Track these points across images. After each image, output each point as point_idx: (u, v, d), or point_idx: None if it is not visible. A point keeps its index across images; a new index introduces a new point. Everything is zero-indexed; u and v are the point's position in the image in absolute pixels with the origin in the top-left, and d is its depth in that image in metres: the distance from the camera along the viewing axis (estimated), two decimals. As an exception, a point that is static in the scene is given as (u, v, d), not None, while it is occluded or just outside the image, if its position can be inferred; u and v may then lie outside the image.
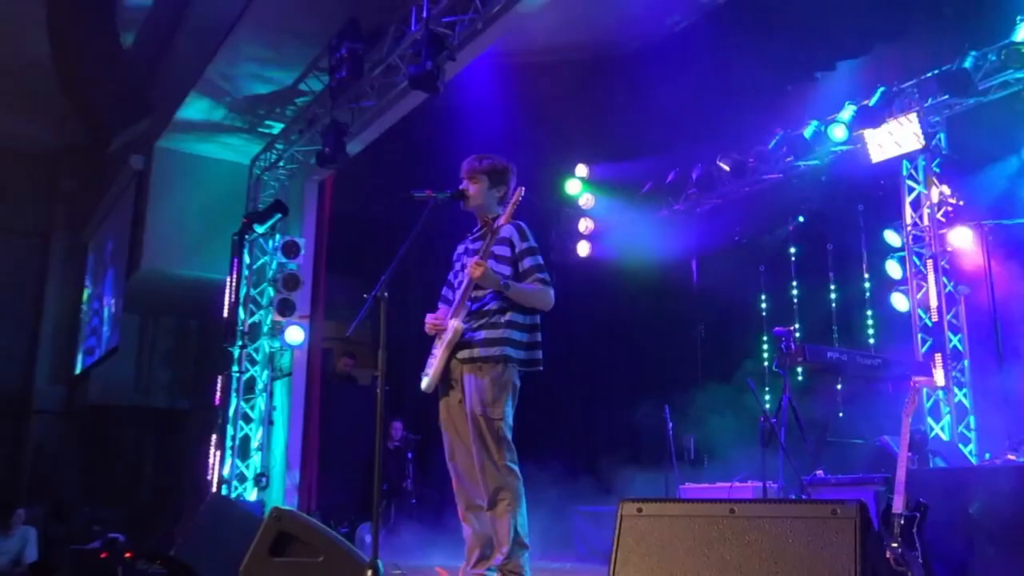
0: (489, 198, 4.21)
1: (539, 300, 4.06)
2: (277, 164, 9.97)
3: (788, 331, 6.43)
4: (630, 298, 10.15)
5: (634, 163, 10.10)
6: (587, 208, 10.79)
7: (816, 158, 8.59)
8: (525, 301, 4.03)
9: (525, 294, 4.02)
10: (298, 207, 10.13)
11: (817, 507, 2.72)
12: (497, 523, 3.90)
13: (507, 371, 3.99)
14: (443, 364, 4.06)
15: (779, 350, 6.34)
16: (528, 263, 4.08)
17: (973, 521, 4.79)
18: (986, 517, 4.75)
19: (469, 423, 3.97)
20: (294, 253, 9.78)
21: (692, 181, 9.74)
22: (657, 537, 2.89)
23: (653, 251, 9.85)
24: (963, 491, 4.87)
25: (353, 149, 9.00)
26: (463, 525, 4.07)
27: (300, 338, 9.62)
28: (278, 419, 9.75)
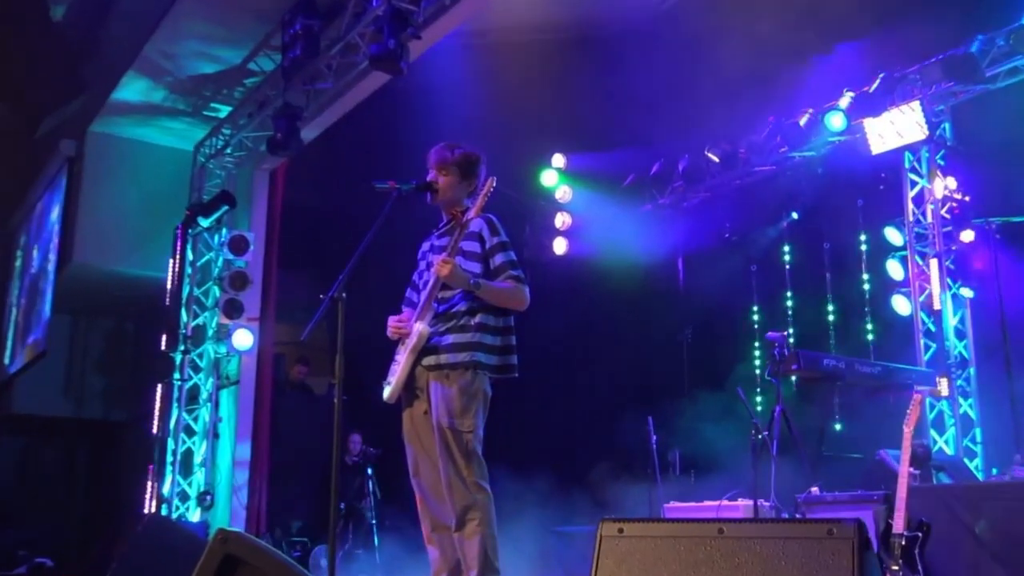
0: (459, 191, 4.22)
1: (513, 299, 4.06)
2: (224, 151, 9.89)
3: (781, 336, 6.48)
4: (611, 299, 10.18)
5: (616, 153, 10.13)
6: (564, 202, 10.81)
7: (812, 149, 8.65)
8: (498, 301, 4.04)
9: (497, 293, 4.02)
10: (247, 198, 10.06)
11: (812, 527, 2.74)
12: (465, 545, 3.89)
13: (477, 379, 3.99)
14: (407, 371, 4.05)
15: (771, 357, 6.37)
16: (500, 259, 4.08)
17: (979, 542, 4.83)
18: (994, 537, 4.79)
19: (435, 436, 3.96)
20: (242, 249, 9.71)
21: (678, 173, 9.79)
22: (639, 560, 2.89)
23: (636, 249, 9.89)
24: (969, 509, 4.92)
25: (308, 135, 8.95)
26: (428, 548, 4.07)
27: (249, 343, 9.55)
28: (224, 432, 9.68)
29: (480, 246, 4.12)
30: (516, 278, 4.07)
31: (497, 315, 4.09)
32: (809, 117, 8.36)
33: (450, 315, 4.06)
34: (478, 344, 4.01)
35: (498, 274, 4.06)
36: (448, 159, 4.22)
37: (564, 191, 10.79)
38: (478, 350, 4.00)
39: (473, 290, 3.98)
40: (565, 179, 10.79)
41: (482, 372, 4.01)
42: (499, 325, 4.10)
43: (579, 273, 10.56)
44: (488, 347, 4.04)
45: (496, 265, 4.08)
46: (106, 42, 10.32)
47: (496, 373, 4.07)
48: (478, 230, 4.12)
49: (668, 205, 10.13)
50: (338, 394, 3.71)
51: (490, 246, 4.11)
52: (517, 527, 6.76)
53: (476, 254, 4.10)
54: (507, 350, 4.11)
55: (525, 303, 4.09)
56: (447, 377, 3.98)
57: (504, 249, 4.11)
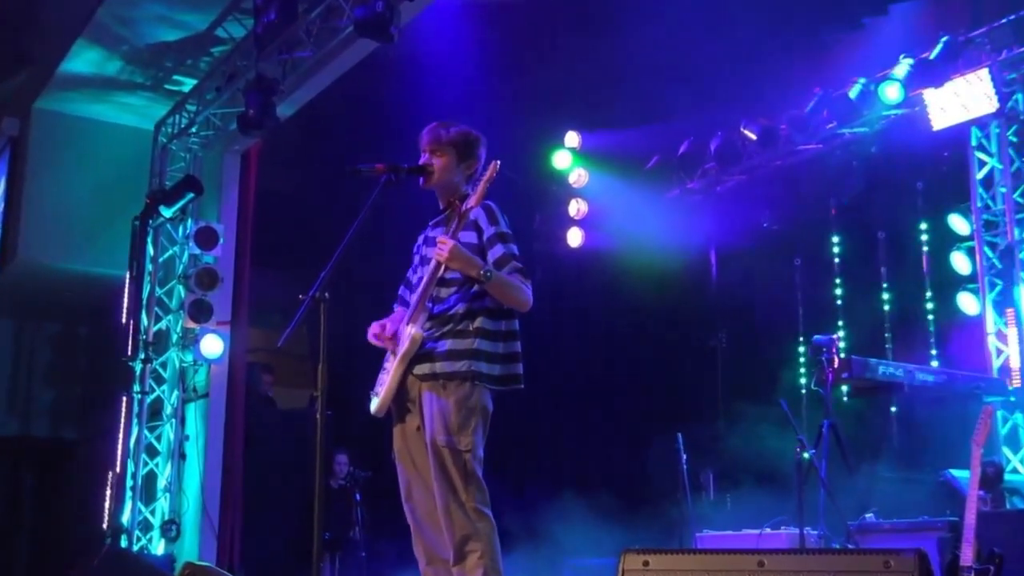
0: (455, 174, 4.22)
1: (519, 296, 4.06)
2: (188, 130, 9.89)
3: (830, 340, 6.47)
4: (633, 299, 10.17)
5: (638, 131, 10.12)
6: (579, 187, 10.80)
7: (864, 124, 8.63)
8: (505, 297, 4.03)
9: (507, 287, 4.02)
10: (215, 185, 10.07)
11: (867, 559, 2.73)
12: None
13: (476, 390, 3.99)
14: (397, 381, 4.05)
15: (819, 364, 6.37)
16: (499, 251, 4.07)
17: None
18: (1075, 570, 4.78)
19: (430, 455, 3.96)
20: (211, 243, 9.72)
21: (710, 153, 9.77)
22: (667, 598, 2.88)
23: (661, 240, 9.88)
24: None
25: (284, 111, 8.95)
26: (423, 584, 4.07)
27: (219, 350, 9.57)
28: (191, 452, 9.70)
29: (477, 237, 4.11)
30: (521, 272, 4.06)
31: (499, 318, 4.08)
32: (861, 88, 8.33)
33: (446, 318, 4.06)
34: (477, 352, 4.01)
35: (499, 268, 4.05)
36: (443, 138, 4.22)
37: (579, 175, 10.79)
38: (478, 359, 4.00)
39: (482, 279, 3.95)
40: (580, 161, 10.78)
41: (482, 384, 4.01)
42: (501, 330, 4.09)
43: (596, 268, 10.56)
44: (489, 355, 4.04)
45: (495, 258, 4.06)
46: (53, 6, 10.33)
47: (498, 385, 4.07)
48: (475, 218, 4.12)
49: (698, 190, 10.12)
50: (321, 408, 3.72)
51: (488, 236, 4.10)
52: (525, 560, 6.76)
53: (473, 246, 4.09)
54: (511, 358, 4.11)
55: (528, 304, 4.09)
56: (443, 388, 3.98)
57: (504, 240, 4.10)
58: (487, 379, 4.02)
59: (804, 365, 9.21)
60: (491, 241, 4.10)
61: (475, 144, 4.27)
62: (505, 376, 4.08)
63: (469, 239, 4.10)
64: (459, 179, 4.23)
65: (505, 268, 4.04)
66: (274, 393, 11.04)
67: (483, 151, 4.27)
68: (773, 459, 7.33)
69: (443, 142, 4.22)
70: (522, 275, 4.07)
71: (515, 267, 4.06)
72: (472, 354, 4.00)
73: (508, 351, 4.10)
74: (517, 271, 4.06)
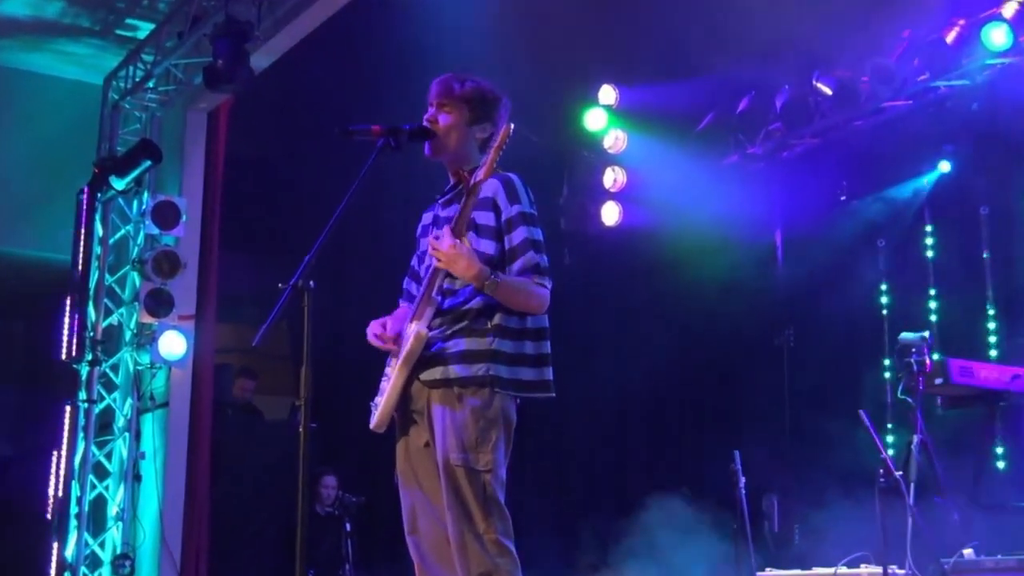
0: (467, 139, 4.22)
1: (528, 302, 4.06)
2: (144, 85, 9.90)
3: (921, 339, 6.44)
4: (681, 289, 10.16)
5: (687, 84, 10.07)
6: (616, 153, 10.77)
7: (964, 76, 8.58)
8: (510, 302, 4.03)
9: (512, 293, 4.02)
10: (177, 151, 10.07)
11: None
12: (482, 630, 3.91)
13: (497, 399, 3.99)
14: (400, 389, 4.05)
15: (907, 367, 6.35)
16: (521, 235, 4.06)
17: None
18: None
19: (442, 477, 3.97)
20: (172, 221, 9.73)
21: (775, 112, 9.72)
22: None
23: (716, 218, 9.85)
24: None
25: (260, 63, 8.95)
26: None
27: (181, 349, 9.59)
28: (148, 472, 9.72)
29: (495, 217, 4.10)
30: (536, 269, 4.05)
31: (524, 313, 4.09)
32: (959, 31, 8.28)
33: (459, 313, 4.05)
34: (497, 353, 4.00)
35: (513, 257, 4.04)
36: (455, 91, 4.21)
37: (616, 138, 10.75)
38: (497, 361, 4.00)
39: (487, 289, 3.96)
40: (616, 121, 10.75)
41: (504, 391, 4.01)
42: (527, 327, 4.08)
43: (636, 253, 10.54)
44: (511, 357, 4.03)
45: (514, 244, 4.05)
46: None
47: (524, 391, 4.06)
48: (492, 195, 4.09)
49: (761, 156, 10.08)
50: (304, 420, 3.72)
51: (507, 217, 4.08)
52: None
53: (490, 229, 4.08)
54: (539, 360, 4.10)
55: (541, 307, 4.08)
56: (456, 397, 3.98)
57: (527, 222, 4.08)
58: (510, 385, 4.02)
59: (889, 369, 9.18)
60: (512, 223, 4.08)
61: (493, 105, 4.25)
62: (532, 382, 4.08)
63: (486, 220, 4.08)
64: (470, 146, 4.21)
65: (520, 259, 4.03)
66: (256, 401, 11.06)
67: (503, 113, 4.25)
68: (851, 482, 7.32)
69: (455, 96, 4.20)
70: (537, 272, 4.05)
71: (531, 259, 4.04)
72: (491, 356, 3.99)
73: (535, 352, 4.10)
74: (532, 270, 4.04)
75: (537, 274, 4.05)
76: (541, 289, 4.06)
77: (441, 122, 4.20)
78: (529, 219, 4.10)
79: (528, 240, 4.06)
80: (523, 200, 4.11)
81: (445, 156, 4.24)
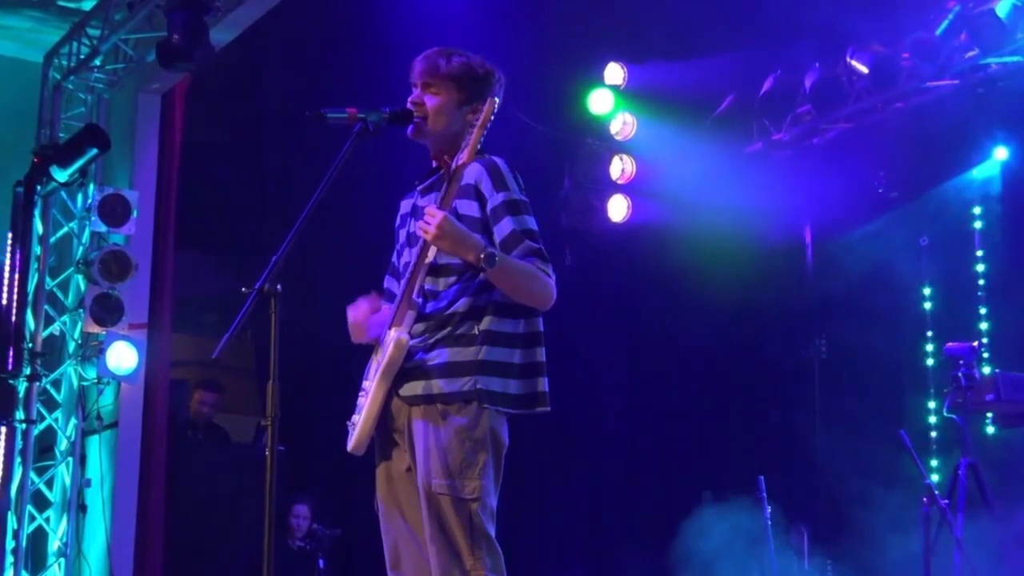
0: (454, 122, 4.22)
1: (534, 290, 4.05)
2: (91, 63, 9.90)
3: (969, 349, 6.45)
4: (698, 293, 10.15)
5: (704, 62, 10.07)
6: (624, 139, 10.76)
7: (1018, 52, 8.59)
8: (515, 289, 4.02)
9: (518, 276, 4.00)
10: (127, 138, 10.05)
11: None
12: None
13: (485, 416, 3.99)
14: (379, 405, 4.06)
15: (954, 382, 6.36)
16: (508, 226, 4.05)
17: None
18: None
19: (423, 505, 3.97)
20: (121, 217, 9.72)
21: (803, 92, 9.72)
22: None
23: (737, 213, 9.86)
24: None
25: (221, 37, 8.94)
26: None
27: (132, 363, 9.57)
28: (95, 501, 9.71)
29: (479, 207, 4.09)
30: (539, 255, 4.04)
31: (515, 316, 4.07)
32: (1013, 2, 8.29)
33: (442, 318, 4.06)
34: (485, 364, 4.00)
35: (507, 251, 4.02)
36: (442, 68, 4.20)
37: (624, 122, 10.75)
38: (486, 372, 4.00)
39: (482, 264, 3.93)
40: (624, 103, 10.74)
41: (493, 407, 4.01)
42: (519, 332, 4.08)
43: (647, 252, 10.54)
44: (502, 368, 4.03)
45: (503, 236, 4.04)
46: None
47: (516, 407, 4.06)
48: (474, 181, 4.10)
49: (787, 144, 10.08)
50: (271, 442, 3.71)
51: (493, 205, 4.07)
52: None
53: (474, 220, 4.07)
54: (532, 370, 4.10)
55: (550, 298, 4.06)
56: (439, 415, 3.98)
57: (515, 210, 4.07)
58: (500, 400, 4.01)
59: (933, 383, 9.19)
60: (497, 212, 4.06)
61: (485, 81, 4.24)
62: (525, 396, 4.07)
63: (469, 210, 4.08)
64: (458, 128, 4.20)
65: (516, 250, 4.01)
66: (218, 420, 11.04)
67: (497, 90, 4.24)
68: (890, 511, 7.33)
69: (441, 74, 4.20)
70: (540, 259, 4.04)
71: (530, 248, 4.03)
72: (478, 367, 3.99)
73: (528, 360, 4.09)
74: (533, 253, 4.03)
75: (540, 259, 4.04)
76: (546, 277, 4.03)
77: (428, 104, 4.20)
78: (520, 206, 4.09)
79: (519, 230, 4.04)
80: (511, 186, 4.10)
81: (431, 139, 4.24)
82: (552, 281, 4.06)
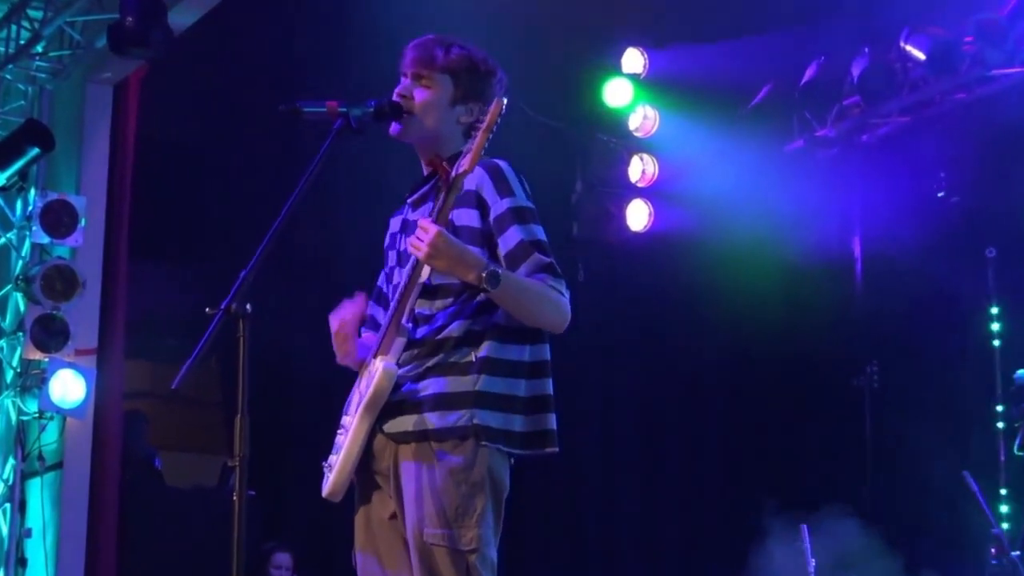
0: (448, 121, 4.23)
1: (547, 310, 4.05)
2: (31, 50, 9.93)
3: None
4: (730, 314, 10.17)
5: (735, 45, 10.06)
6: (644, 136, 10.77)
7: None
8: (524, 312, 4.01)
9: (526, 297, 4.01)
10: (74, 135, 10.07)
11: None
12: None
13: (483, 456, 3.99)
14: (361, 443, 4.06)
15: (1026, 414, 6.36)
16: (514, 237, 4.05)
17: None
18: None
19: (413, 559, 3.98)
20: (67, 227, 9.73)
21: (851, 82, 9.72)
22: None
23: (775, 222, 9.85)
24: None
25: (182, 20, 8.96)
26: None
27: (79, 394, 9.57)
28: (36, 554, 9.72)
29: (479, 216, 4.09)
30: (550, 269, 4.03)
31: (519, 341, 4.07)
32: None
33: (434, 344, 4.06)
34: (483, 396, 3.99)
35: (514, 265, 4.02)
36: (437, 59, 4.20)
37: (644, 117, 10.76)
38: (484, 406, 3.99)
39: (484, 286, 3.92)
40: (644, 95, 10.75)
41: (492, 445, 4.01)
42: (523, 360, 4.08)
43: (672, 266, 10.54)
44: (503, 401, 4.02)
45: (509, 249, 4.04)
46: None
47: (519, 448, 4.06)
48: (475, 188, 4.09)
49: (834, 141, 10.08)
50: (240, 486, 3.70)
51: (496, 214, 4.06)
52: None
53: (474, 232, 4.08)
54: (539, 405, 4.09)
55: (564, 320, 4.06)
56: (431, 454, 3.98)
57: (521, 219, 4.06)
58: (501, 438, 4.01)
59: (1003, 417, 9.18)
60: (502, 221, 4.06)
61: (485, 80, 4.25)
62: (531, 434, 4.07)
63: (468, 220, 4.09)
64: (452, 129, 4.22)
65: (524, 265, 4.01)
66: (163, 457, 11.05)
67: (497, 91, 4.23)
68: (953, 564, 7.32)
69: (437, 65, 4.20)
70: (552, 275, 4.03)
71: (540, 262, 4.02)
72: (475, 399, 3.98)
73: (534, 393, 4.09)
74: (543, 269, 4.03)
75: (551, 275, 4.03)
76: (558, 295, 4.03)
77: (417, 98, 4.20)
78: (526, 215, 4.09)
79: (528, 241, 4.04)
80: (516, 192, 4.10)
81: (420, 139, 4.25)
82: (566, 299, 4.05)
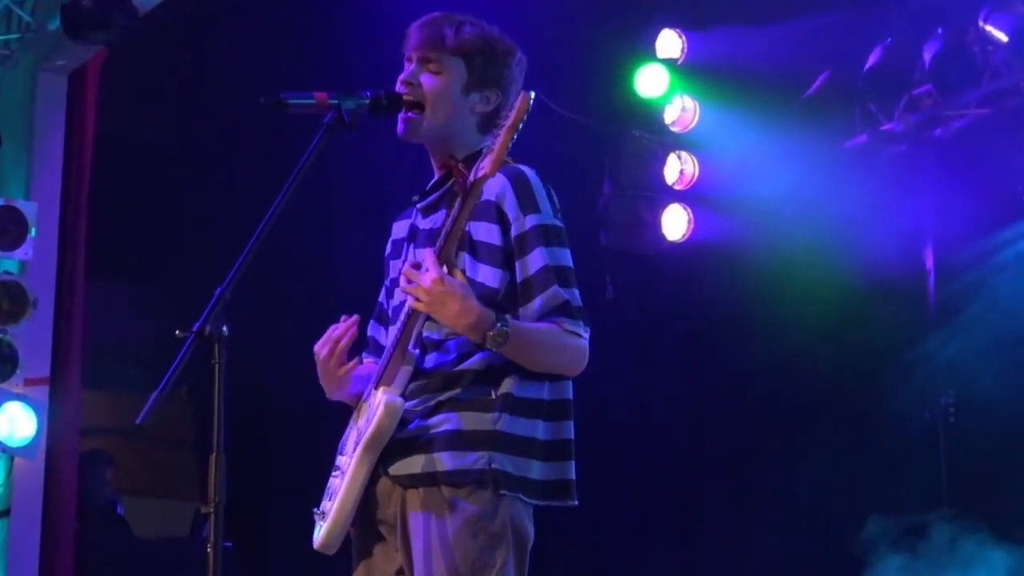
0: (461, 110, 4.24)
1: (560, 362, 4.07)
2: (-23, 34, 9.98)
3: None
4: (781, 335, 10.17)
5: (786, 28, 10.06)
6: (682, 131, 10.78)
7: None
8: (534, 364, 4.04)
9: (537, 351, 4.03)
10: (24, 131, 10.10)
11: None
12: None
13: (504, 505, 4.00)
14: (360, 487, 4.06)
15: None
16: (537, 262, 4.05)
17: None
18: None
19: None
20: (15, 238, 9.75)
21: (923, 68, 9.72)
22: None
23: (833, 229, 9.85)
24: None
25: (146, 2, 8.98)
26: None
27: (29, 431, 9.59)
28: (-20, 615, 9.75)
29: (500, 232, 4.09)
30: (565, 310, 4.02)
31: (540, 378, 4.07)
32: None
33: (449, 376, 4.07)
34: (503, 437, 4.00)
35: (529, 295, 4.03)
36: (448, 40, 4.19)
37: (682, 108, 10.77)
38: (503, 449, 4.00)
39: (491, 345, 3.93)
40: (682, 84, 10.76)
41: (513, 494, 4.01)
42: (542, 399, 4.08)
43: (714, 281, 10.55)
44: (523, 444, 4.03)
45: (529, 274, 4.04)
46: None
47: (539, 497, 4.08)
48: (495, 198, 4.08)
49: (902, 136, 10.09)
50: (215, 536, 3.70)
51: (519, 231, 4.06)
52: None
53: (493, 249, 4.08)
54: (559, 451, 4.10)
55: (580, 365, 4.08)
56: (443, 502, 3.98)
57: (546, 239, 4.06)
58: (519, 485, 4.02)
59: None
60: (525, 241, 4.05)
61: (503, 62, 4.25)
62: (551, 483, 4.09)
63: (487, 236, 4.09)
64: (467, 121, 4.23)
65: (539, 298, 4.02)
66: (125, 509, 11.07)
67: (517, 76, 4.26)
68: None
69: (447, 47, 4.18)
70: (568, 316, 4.03)
71: (556, 300, 4.02)
72: (494, 441, 3.98)
73: (554, 436, 4.10)
74: (559, 309, 4.02)
75: (567, 317, 4.03)
76: (575, 340, 4.04)
77: (425, 85, 4.19)
78: (552, 235, 4.08)
79: (550, 268, 4.04)
80: (543, 207, 4.10)
81: (428, 137, 4.25)
82: (584, 342, 4.07)
